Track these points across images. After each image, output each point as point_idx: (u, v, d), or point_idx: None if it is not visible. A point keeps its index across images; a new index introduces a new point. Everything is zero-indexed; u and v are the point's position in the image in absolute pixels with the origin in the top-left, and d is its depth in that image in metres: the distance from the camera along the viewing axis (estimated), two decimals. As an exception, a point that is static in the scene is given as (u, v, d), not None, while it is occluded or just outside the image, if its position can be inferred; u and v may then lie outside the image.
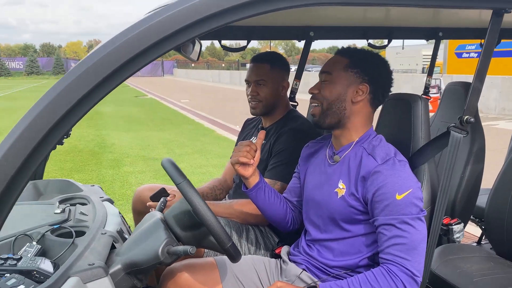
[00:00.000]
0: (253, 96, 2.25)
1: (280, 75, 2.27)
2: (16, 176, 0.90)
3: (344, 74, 1.57)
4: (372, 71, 1.56)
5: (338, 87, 1.58)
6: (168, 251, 1.32)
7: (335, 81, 1.58)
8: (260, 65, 2.26)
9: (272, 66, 2.25)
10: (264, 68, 2.24)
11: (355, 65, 1.57)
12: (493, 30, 1.40)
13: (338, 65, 1.59)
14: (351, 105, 1.57)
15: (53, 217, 1.60)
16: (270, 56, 2.31)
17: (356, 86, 1.56)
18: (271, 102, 2.25)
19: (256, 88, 2.24)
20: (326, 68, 1.62)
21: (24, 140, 0.90)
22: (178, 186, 1.38)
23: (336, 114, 1.58)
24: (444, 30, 2.76)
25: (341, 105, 1.57)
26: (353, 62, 1.58)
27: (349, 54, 1.61)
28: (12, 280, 1.17)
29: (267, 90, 2.23)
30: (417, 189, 1.45)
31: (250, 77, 2.27)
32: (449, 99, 2.76)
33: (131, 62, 0.99)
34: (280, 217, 1.77)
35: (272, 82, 2.23)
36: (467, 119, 1.44)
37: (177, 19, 1.00)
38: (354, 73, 1.56)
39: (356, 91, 1.56)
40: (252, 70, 2.27)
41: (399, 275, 1.38)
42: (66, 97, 0.91)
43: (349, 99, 1.57)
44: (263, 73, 2.23)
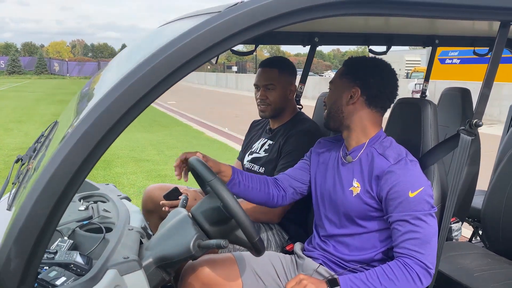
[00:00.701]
0: (262, 100, 2.33)
1: (288, 80, 2.36)
2: (77, 172, 0.96)
3: (340, 81, 1.74)
4: (362, 74, 1.69)
5: (335, 93, 1.75)
6: (199, 245, 1.39)
7: (333, 88, 1.77)
8: (270, 70, 2.34)
9: (280, 71, 2.33)
10: (273, 73, 2.32)
11: (348, 72, 1.74)
12: (501, 41, 1.50)
13: (337, 74, 1.79)
14: (347, 108, 1.71)
15: (78, 214, 1.65)
16: (279, 61, 2.39)
17: (349, 90, 1.70)
18: (279, 106, 2.33)
19: (265, 92, 2.32)
20: (332, 79, 1.82)
21: (85, 139, 0.96)
22: (209, 183, 1.45)
23: (335, 117, 1.74)
24: (440, 37, 2.88)
25: (338, 108, 1.72)
26: (347, 69, 1.75)
27: (346, 63, 1.80)
28: (53, 272, 1.22)
29: (275, 94, 2.31)
30: (428, 187, 1.55)
31: (259, 81, 2.35)
32: (446, 104, 2.88)
33: (176, 72, 1.04)
34: (262, 201, 1.85)
35: (281, 86, 2.32)
36: (476, 123, 1.54)
37: (222, 29, 1.06)
38: (347, 79, 1.72)
39: (350, 95, 1.69)
40: (261, 75, 2.35)
41: (414, 268, 1.48)
42: (116, 106, 0.97)
43: (344, 103, 1.71)
44: (272, 78, 2.31)
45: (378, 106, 1.71)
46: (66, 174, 0.93)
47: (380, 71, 1.71)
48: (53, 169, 0.93)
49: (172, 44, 1.00)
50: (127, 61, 1.29)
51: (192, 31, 1.01)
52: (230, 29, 1.04)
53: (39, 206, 0.94)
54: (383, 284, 1.46)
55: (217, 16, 1.05)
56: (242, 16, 1.08)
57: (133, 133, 11.28)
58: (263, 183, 1.82)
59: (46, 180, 0.93)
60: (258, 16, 1.10)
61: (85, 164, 0.95)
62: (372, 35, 2.76)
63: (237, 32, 1.08)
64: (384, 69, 1.72)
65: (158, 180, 6.66)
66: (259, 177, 1.84)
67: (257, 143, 2.47)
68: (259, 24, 1.12)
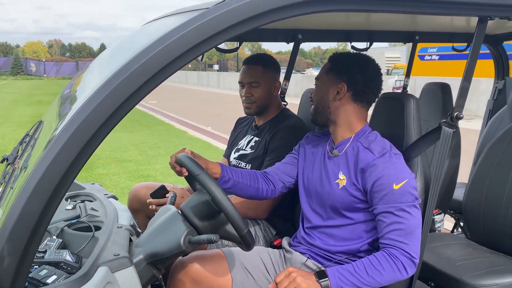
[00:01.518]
0: (247, 97, 2.35)
1: (272, 76, 2.38)
2: (67, 172, 0.96)
3: (326, 77, 1.77)
4: (349, 70, 1.72)
5: (322, 89, 1.78)
6: (189, 240, 1.40)
7: (320, 84, 1.79)
8: (254, 67, 2.35)
9: (265, 67, 2.35)
10: (258, 70, 2.34)
11: (334, 68, 1.76)
12: (479, 35, 1.55)
13: (323, 70, 1.81)
14: (333, 103, 1.74)
15: (66, 213, 1.65)
16: (263, 58, 2.41)
17: (335, 86, 1.73)
18: (264, 102, 2.36)
19: (250, 90, 2.33)
20: (318, 74, 1.84)
21: (74, 140, 0.96)
22: (197, 177, 1.46)
23: (322, 113, 1.77)
24: (420, 34, 2.94)
25: (325, 104, 1.75)
26: (333, 65, 1.77)
27: (331, 59, 1.82)
28: (44, 270, 1.22)
29: (260, 91, 2.33)
30: (412, 179, 1.59)
31: (244, 79, 2.37)
32: (427, 99, 2.95)
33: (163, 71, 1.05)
34: (251, 196, 1.87)
35: (265, 83, 2.34)
36: (457, 115, 1.59)
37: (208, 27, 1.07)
38: (333, 75, 1.74)
39: (337, 91, 1.72)
40: (245, 72, 2.37)
41: (400, 258, 1.52)
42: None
43: (331, 98, 1.74)
44: (257, 75, 2.33)
45: (363, 101, 1.74)
46: (57, 174, 0.94)
47: (366, 66, 1.75)
48: (43, 169, 0.94)
49: (159, 42, 1.01)
50: (111, 62, 1.29)
51: (180, 28, 1.02)
52: (219, 25, 1.05)
53: (30, 206, 0.94)
54: (369, 274, 1.50)
55: (205, 12, 1.06)
56: (230, 13, 1.09)
57: (114, 133, 11.05)
58: (252, 178, 1.84)
59: (37, 180, 0.93)
60: (246, 13, 1.12)
61: (75, 164, 0.96)
62: (354, 32, 2.81)
63: (225, 28, 1.09)
64: (369, 64, 1.76)
65: (141, 180, 6.61)
66: (249, 172, 1.85)
67: (243, 140, 2.48)
68: (246, 21, 1.13)
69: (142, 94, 0.99)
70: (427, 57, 21.78)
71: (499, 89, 3.31)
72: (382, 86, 1.80)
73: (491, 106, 3.38)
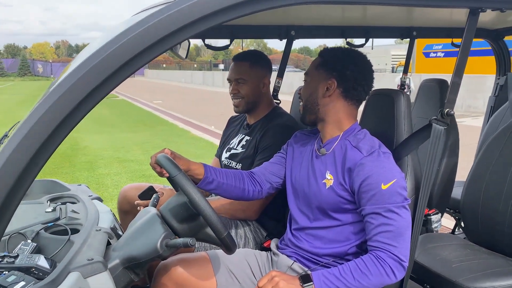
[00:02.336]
0: (234, 94, 2.31)
1: (260, 73, 2.32)
2: (24, 172, 0.91)
3: (316, 73, 1.70)
4: (339, 66, 1.65)
5: (311, 85, 1.71)
6: (167, 244, 1.35)
7: (309, 80, 1.73)
8: (240, 64, 2.30)
9: (252, 64, 2.30)
10: (244, 66, 2.29)
11: (324, 63, 1.69)
12: (470, 29, 1.49)
13: (312, 65, 1.74)
14: (323, 100, 1.67)
15: (45, 216, 1.61)
16: (250, 55, 2.36)
17: (325, 82, 1.66)
18: (252, 99, 2.30)
19: (236, 86, 2.29)
20: (307, 70, 1.77)
21: (31, 139, 0.91)
22: (174, 178, 1.41)
23: (311, 110, 1.71)
24: (418, 29, 2.88)
25: (314, 101, 1.69)
26: (323, 60, 1.70)
27: (321, 54, 1.74)
28: (12, 277, 1.17)
29: (247, 88, 2.28)
30: (401, 179, 1.53)
31: (230, 75, 2.33)
32: (425, 95, 2.88)
33: (129, 63, 1.00)
34: (237, 197, 1.82)
35: (252, 79, 2.28)
36: (448, 112, 1.53)
37: (174, 20, 1.02)
38: (323, 71, 1.68)
39: (326, 87, 1.66)
40: (232, 69, 2.33)
41: (387, 261, 1.46)
42: (69, 98, 0.92)
43: (320, 95, 1.67)
44: (243, 72, 2.28)
45: (354, 98, 1.68)
46: (11, 175, 0.89)
47: (357, 63, 1.68)
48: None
49: (122, 35, 0.96)
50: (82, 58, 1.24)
51: (143, 21, 0.97)
52: (185, 18, 1.00)
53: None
54: (356, 278, 1.44)
55: (172, 5, 1.01)
56: (199, 4, 1.03)
57: (117, 133, 11.17)
58: (238, 178, 1.79)
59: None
60: (218, 4, 1.06)
61: (32, 164, 0.90)
62: (349, 27, 2.75)
63: (194, 21, 1.03)
64: (360, 60, 1.70)
65: (143, 180, 6.59)
66: (234, 173, 1.80)
67: (235, 139, 2.43)
68: (223, 10, 1.07)
69: (103, 92, 0.94)
70: (432, 54, 21.57)
71: (500, 85, 3.23)
72: (373, 83, 1.74)
73: (493, 103, 3.30)
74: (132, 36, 0.98)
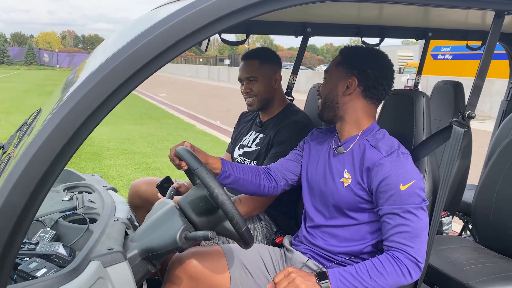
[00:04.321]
0: (247, 93, 2.29)
1: (271, 69, 2.31)
2: (55, 160, 0.92)
3: (336, 70, 1.69)
4: (360, 64, 1.64)
5: (331, 82, 1.70)
6: (186, 236, 1.35)
7: (329, 78, 1.72)
8: (250, 62, 2.30)
9: (262, 61, 2.29)
10: (254, 65, 2.28)
11: (345, 61, 1.68)
12: (495, 31, 1.48)
13: (333, 63, 1.73)
14: (343, 98, 1.67)
15: (62, 204, 1.61)
16: (259, 52, 2.36)
17: (345, 80, 1.65)
18: (265, 96, 2.30)
19: (248, 85, 2.28)
20: (327, 67, 1.75)
21: (63, 127, 0.91)
22: (195, 171, 1.41)
23: (330, 108, 1.69)
24: (433, 30, 2.86)
25: (333, 99, 1.68)
26: (344, 58, 1.69)
27: (342, 52, 1.73)
28: (34, 263, 1.18)
29: (259, 86, 2.27)
30: (420, 180, 1.52)
31: (241, 75, 2.32)
32: (439, 97, 2.86)
33: (156, 59, 0.99)
34: (253, 192, 1.82)
35: (264, 77, 2.28)
36: (469, 114, 1.53)
37: (205, 14, 1.01)
38: (343, 68, 1.67)
39: (347, 85, 1.65)
40: (243, 68, 2.32)
41: (404, 261, 1.46)
42: (98, 92, 0.92)
43: (340, 93, 1.66)
44: (254, 70, 2.27)
45: (374, 97, 1.67)
46: (44, 162, 0.89)
47: (378, 61, 1.67)
48: (29, 157, 0.89)
49: (153, 29, 0.95)
50: (112, 48, 1.24)
51: (175, 14, 0.97)
52: (218, 12, 0.99)
53: (14, 195, 0.90)
54: (372, 277, 1.44)
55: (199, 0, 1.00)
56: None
57: (123, 125, 11.19)
58: (254, 174, 1.79)
59: (22, 169, 0.89)
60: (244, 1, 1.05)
61: (64, 152, 0.91)
62: (364, 26, 2.73)
63: (226, 15, 1.03)
64: (382, 60, 1.69)
65: (148, 173, 6.61)
66: (250, 168, 1.80)
67: (248, 136, 2.43)
68: (253, 5, 1.07)
69: (132, 85, 0.94)
70: (440, 56, 21.48)
71: (513, 89, 3.21)
72: (393, 83, 1.73)
73: (505, 107, 3.28)
74: (162, 31, 0.97)
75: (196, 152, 1.60)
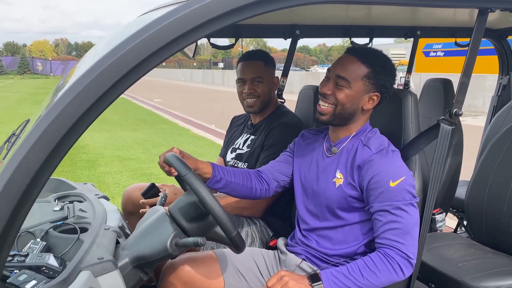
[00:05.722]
0: (251, 93, 2.26)
1: (272, 72, 2.34)
2: (39, 171, 0.91)
3: (362, 83, 1.59)
4: (386, 82, 1.61)
5: (354, 95, 1.60)
6: (176, 243, 1.35)
7: (352, 89, 1.59)
8: (256, 63, 2.29)
9: (265, 63, 2.30)
10: (260, 66, 2.28)
11: (373, 76, 1.59)
12: (479, 29, 1.49)
13: (356, 73, 1.58)
14: (361, 111, 1.64)
15: (53, 214, 1.60)
16: (263, 54, 2.36)
17: (370, 95, 1.62)
18: (267, 98, 2.30)
19: (253, 86, 2.26)
20: (343, 73, 1.59)
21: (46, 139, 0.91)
22: (184, 177, 1.41)
23: (345, 118, 1.64)
24: (422, 28, 2.88)
25: (353, 111, 1.63)
26: (373, 72, 1.59)
27: (370, 63, 1.59)
28: (23, 275, 1.17)
29: (263, 87, 2.27)
30: (410, 177, 1.53)
31: (245, 75, 2.28)
32: (428, 95, 2.88)
33: (142, 64, 1.00)
34: (244, 195, 1.81)
35: (268, 79, 2.29)
36: (456, 112, 1.53)
37: (188, 20, 1.02)
38: (370, 84, 1.60)
39: (369, 99, 1.62)
40: (247, 68, 2.29)
41: (396, 258, 1.46)
42: (82, 99, 0.92)
43: (361, 106, 1.63)
44: (259, 71, 2.27)
45: (379, 105, 1.67)
46: (27, 174, 0.89)
47: (393, 73, 1.65)
48: (12, 169, 0.88)
49: (136, 36, 0.96)
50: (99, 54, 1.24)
51: (156, 22, 0.97)
52: (200, 18, 1.00)
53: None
54: (365, 276, 1.44)
55: (184, 5, 1.01)
56: (214, 4, 1.03)
57: (118, 132, 11.17)
58: (245, 177, 1.78)
59: (5, 181, 0.88)
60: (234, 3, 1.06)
61: (48, 163, 0.91)
62: (353, 27, 2.74)
63: (209, 20, 1.03)
64: (393, 69, 1.67)
65: (143, 179, 6.59)
66: (241, 171, 1.80)
67: (240, 139, 2.43)
68: (236, 10, 1.07)
69: (117, 92, 0.94)
70: (432, 54, 21.58)
71: (503, 85, 3.23)
72: None
73: (495, 103, 3.31)
74: (147, 36, 0.98)
75: (185, 157, 1.60)
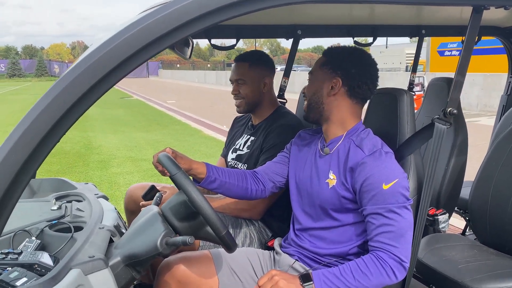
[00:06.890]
0: (235, 94, 2.33)
1: (260, 73, 2.32)
2: (20, 172, 0.93)
3: (320, 71, 1.70)
4: (344, 64, 1.65)
5: (315, 83, 1.71)
6: (166, 242, 1.36)
7: (314, 79, 1.73)
8: (240, 65, 2.32)
9: (251, 64, 2.30)
10: (244, 67, 2.30)
11: (329, 62, 1.68)
12: (473, 27, 1.47)
13: (317, 64, 1.73)
14: (328, 99, 1.67)
15: (50, 213, 1.63)
16: (251, 55, 2.36)
17: (330, 81, 1.66)
18: (252, 100, 2.31)
19: (237, 87, 2.31)
20: (311, 69, 1.76)
21: (27, 137, 0.92)
22: (173, 177, 1.42)
23: (316, 109, 1.70)
24: (427, 27, 2.84)
25: (318, 100, 1.69)
26: (328, 59, 1.70)
27: (326, 52, 1.74)
28: (15, 273, 1.20)
29: (247, 88, 2.29)
30: (403, 179, 1.51)
31: (231, 76, 2.35)
32: (433, 94, 2.84)
33: (128, 61, 1.02)
34: (240, 196, 1.83)
35: (252, 80, 2.29)
36: (450, 111, 1.51)
37: (172, 18, 1.03)
38: (328, 69, 1.67)
39: (331, 86, 1.65)
40: (233, 69, 2.34)
41: (388, 261, 1.45)
42: (66, 97, 0.94)
43: (325, 93, 1.67)
44: (242, 72, 2.29)
45: (358, 97, 1.67)
46: (8, 175, 0.90)
47: (362, 61, 1.67)
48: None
49: (116, 37, 0.97)
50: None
51: (139, 22, 0.98)
52: (180, 18, 1.01)
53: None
54: (356, 278, 1.43)
55: (168, 4, 1.02)
56: (195, 3, 1.04)
57: (131, 133, 11.29)
58: (240, 177, 1.79)
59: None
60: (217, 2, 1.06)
61: (26, 167, 0.92)
62: (356, 26, 2.73)
63: (191, 20, 1.04)
64: (365, 59, 1.69)
65: (155, 179, 6.64)
66: (237, 172, 1.81)
67: (240, 140, 2.44)
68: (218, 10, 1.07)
69: (100, 91, 0.96)
70: (447, 53, 21.27)
71: (513, 83, 3.17)
72: (378, 81, 1.72)
73: (505, 102, 3.26)
74: (129, 36, 0.99)
75: (178, 158, 1.61)
